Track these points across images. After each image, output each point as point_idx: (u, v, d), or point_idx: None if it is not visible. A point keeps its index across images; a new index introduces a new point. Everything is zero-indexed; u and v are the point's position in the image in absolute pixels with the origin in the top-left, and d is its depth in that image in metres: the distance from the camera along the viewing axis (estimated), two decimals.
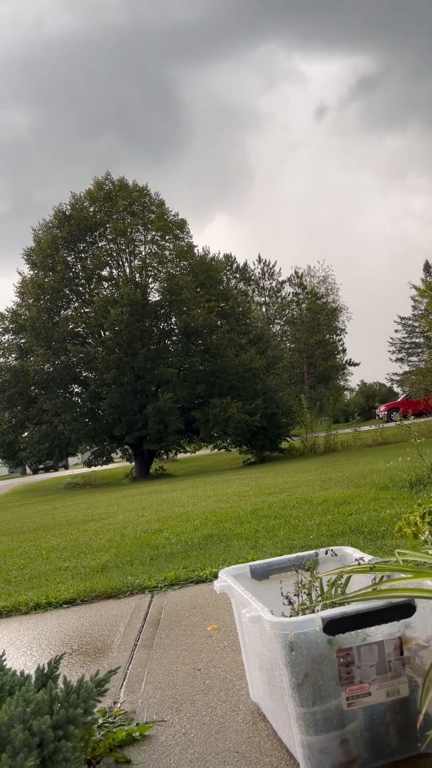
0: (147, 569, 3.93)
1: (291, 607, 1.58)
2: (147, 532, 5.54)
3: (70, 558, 4.85)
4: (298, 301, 48.36)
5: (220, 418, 19.23)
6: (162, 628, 2.70)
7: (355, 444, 18.00)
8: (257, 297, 48.70)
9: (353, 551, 1.82)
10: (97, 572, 4.10)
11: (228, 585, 1.74)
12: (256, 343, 22.63)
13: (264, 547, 4.07)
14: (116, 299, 20.07)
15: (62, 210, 22.07)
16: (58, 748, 1.26)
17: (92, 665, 2.36)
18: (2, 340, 22.20)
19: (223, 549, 4.24)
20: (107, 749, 1.66)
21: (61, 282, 21.33)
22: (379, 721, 1.40)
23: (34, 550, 5.57)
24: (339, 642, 1.37)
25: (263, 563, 1.89)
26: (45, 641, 2.78)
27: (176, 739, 1.68)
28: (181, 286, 20.30)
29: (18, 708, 1.28)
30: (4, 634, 2.99)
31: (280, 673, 1.43)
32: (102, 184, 22.40)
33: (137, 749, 1.66)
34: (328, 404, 22.27)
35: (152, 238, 22.29)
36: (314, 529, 4.42)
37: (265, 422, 19.55)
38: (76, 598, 3.46)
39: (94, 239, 22.27)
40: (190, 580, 3.48)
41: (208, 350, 20.89)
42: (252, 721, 1.72)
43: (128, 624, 2.85)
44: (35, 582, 4.11)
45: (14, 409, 21.07)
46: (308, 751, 1.38)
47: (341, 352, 48.60)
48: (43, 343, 20.36)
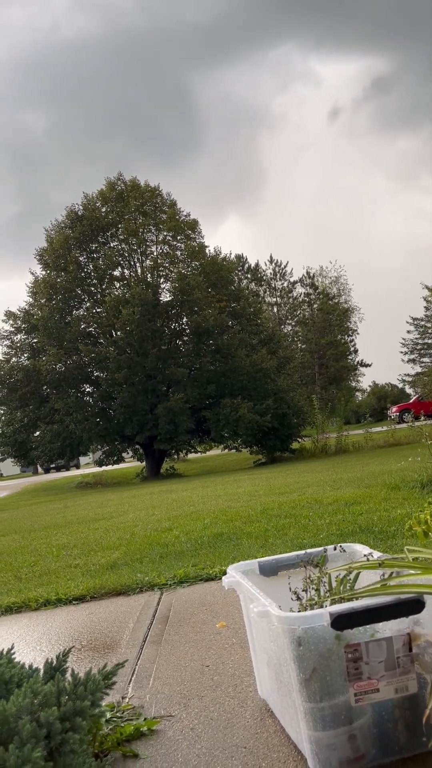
0: (156, 567, 3.93)
1: (299, 602, 1.57)
2: (157, 531, 5.55)
3: (81, 555, 4.87)
4: (309, 302, 48.25)
5: (230, 418, 19.22)
6: (171, 625, 2.70)
7: (367, 445, 17.92)
8: (269, 297, 48.65)
9: (362, 548, 1.82)
10: (107, 569, 4.11)
11: (236, 580, 1.73)
12: (267, 343, 22.59)
13: (274, 545, 4.06)
14: (128, 299, 20.12)
15: (74, 210, 22.17)
16: (65, 740, 1.26)
17: (101, 660, 2.36)
18: (14, 340, 22.33)
19: (233, 547, 4.23)
20: (115, 743, 1.67)
21: (73, 282, 21.43)
22: (387, 717, 1.39)
23: (44, 548, 5.59)
24: (347, 637, 1.36)
25: (272, 559, 1.89)
26: (54, 637, 2.79)
27: (184, 734, 1.68)
28: (192, 287, 20.32)
29: (26, 699, 1.29)
30: (14, 630, 3.01)
31: (287, 668, 1.43)
32: (114, 184, 22.47)
33: (145, 744, 1.67)
34: (340, 405, 22.22)
35: (164, 239, 22.34)
36: (324, 529, 4.40)
37: (276, 423, 19.51)
38: (86, 595, 3.48)
39: (106, 239, 22.34)
40: (200, 577, 3.48)
41: (219, 350, 20.88)
42: (260, 717, 1.71)
43: (137, 621, 2.86)
44: (45, 579, 4.13)
45: (26, 409, 21.18)
46: (316, 747, 1.37)
47: (353, 353, 48.44)
48: (55, 343, 20.45)
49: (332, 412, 21.59)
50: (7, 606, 3.44)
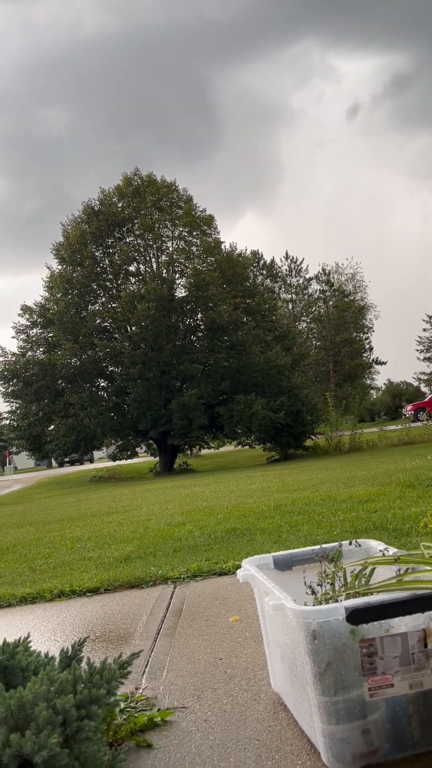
0: (170, 560, 3.95)
1: (314, 596, 1.57)
2: (170, 525, 5.57)
3: (94, 548, 4.90)
4: (325, 299, 48.05)
5: (244, 414, 19.22)
6: (184, 618, 2.71)
7: (381, 443, 17.84)
8: (284, 294, 48.51)
9: (377, 544, 1.81)
10: (120, 562, 4.13)
11: (251, 574, 1.74)
12: (281, 340, 22.54)
13: (287, 541, 4.06)
14: (143, 295, 20.17)
15: (91, 205, 22.25)
16: (80, 727, 1.28)
17: (114, 652, 2.38)
18: (30, 334, 22.49)
19: (246, 542, 4.24)
20: (129, 733, 1.68)
21: (89, 277, 21.52)
22: (402, 713, 1.39)
23: (59, 540, 5.64)
24: (362, 632, 1.36)
25: (286, 554, 1.89)
26: (69, 627, 2.81)
27: (197, 726, 1.69)
28: (207, 282, 20.32)
29: (42, 686, 1.30)
30: (29, 620, 3.04)
31: (302, 662, 1.43)
32: (131, 179, 22.52)
33: (158, 734, 1.68)
34: (354, 403, 22.13)
35: (179, 234, 22.36)
36: (338, 525, 4.39)
37: (290, 420, 19.48)
38: (100, 587, 3.50)
39: (122, 234, 22.41)
40: (213, 572, 3.49)
41: (234, 346, 20.88)
42: (273, 710, 1.72)
43: (151, 613, 2.87)
44: (60, 570, 4.16)
45: (41, 402, 21.34)
46: (329, 741, 1.37)
47: (368, 351, 48.18)
48: (71, 337, 20.56)
49: (346, 409, 21.54)
50: (22, 596, 3.47)
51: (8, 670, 1.46)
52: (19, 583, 3.87)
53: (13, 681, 1.45)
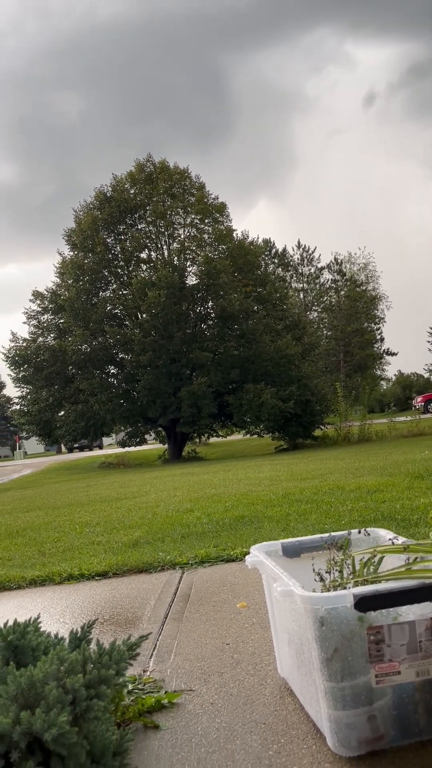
0: (178, 546, 3.98)
1: (322, 583, 1.58)
2: (178, 512, 5.60)
3: (103, 533, 4.94)
4: (336, 288, 47.78)
5: (253, 403, 19.22)
6: (192, 603, 2.73)
7: (390, 434, 17.80)
8: (295, 283, 48.29)
9: (386, 533, 1.81)
10: (129, 547, 4.16)
11: (259, 560, 1.75)
12: (292, 329, 22.47)
13: (295, 530, 4.08)
14: (154, 282, 20.15)
15: (103, 191, 22.20)
16: (90, 707, 1.29)
17: (123, 634, 2.40)
18: (41, 320, 22.55)
19: (254, 530, 4.26)
20: (136, 714, 1.70)
21: (100, 263, 21.51)
22: (408, 700, 1.39)
23: (68, 525, 5.69)
24: (370, 619, 1.37)
25: (295, 541, 1.89)
26: (78, 610, 2.84)
27: (204, 708, 1.71)
28: (218, 270, 20.26)
29: (52, 666, 1.32)
30: (38, 602, 3.07)
31: (309, 648, 1.44)
32: (143, 166, 22.42)
33: (165, 716, 1.70)
34: (364, 393, 22.05)
35: (191, 221, 22.27)
36: (346, 515, 4.40)
37: (299, 409, 19.46)
38: (108, 571, 3.53)
39: (133, 221, 22.36)
40: (221, 558, 3.51)
41: (244, 335, 20.84)
42: (279, 695, 1.73)
43: (159, 598, 2.89)
44: (69, 554, 4.20)
45: (51, 388, 21.43)
46: (335, 726, 1.38)
47: (379, 341, 47.92)
48: (81, 324, 20.60)
49: (356, 400, 21.49)
50: (31, 579, 3.51)
51: (19, 649, 1.48)
52: (28, 566, 3.91)
53: (24, 660, 1.46)
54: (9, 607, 3.01)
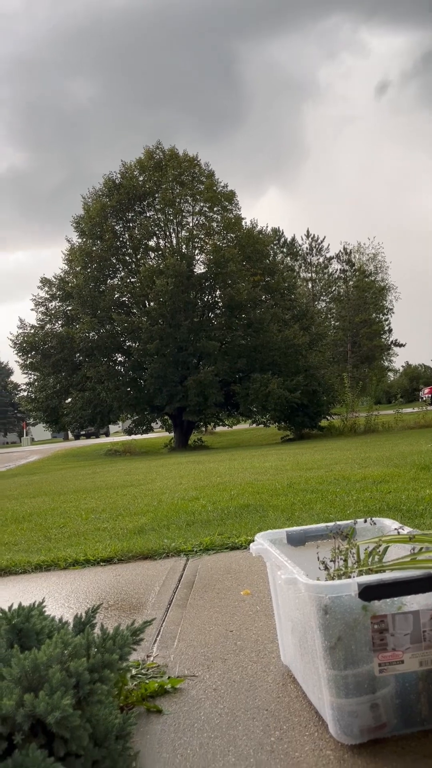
0: (183, 534, 3.99)
1: (327, 572, 1.57)
2: (184, 499, 5.61)
3: (109, 519, 4.96)
4: (345, 278, 47.55)
5: (260, 393, 19.21)
6: (196, 590, 2.74)
7: (396, 425, 17.76)
8: (303, 272, 48.07)
9: (392, 522, 1.81)
10: (134, 534, 4.18)
11: (264, 548, 1.74)
12: (300, 319, 22.40)
13: (300, 519, 4.08)
14: (162, 270, 20.10)
15: (112, 178, 22.11)
16: (93, 690, 1.30)
17: (127, 620, 2.41)
18: (49, 307, 22.56)
19: (259, 519, 4.26)
20: (140, 698, 1.71)
21: (109, 251, 21.47)
22: (411, 689, 1.39)
23: (74, 511, 5.71)
24: (374, 608, 1.36)
25: (300, 529, 1.89)
26: (82, 595, 2.86)
27: (207, 694, 1.71)
28: (227, 259, 20.18)
29: (56, 649, 1.33)
30: (43, 587, 3.09)
31: (312, 636, 1.44)
32: (152, 153, 22.30)
33: (168, 700, 1.71)
34: (371, 384, 22.01)
35: (200, 209, 22.17)
36: (351, 505, 4.39)
37: (306, 399, 19.44)
38: (113, 557, 3.54)
39: (142, 209, 22.28)
40: (225, 546, 3.51)
41: (251, 324, 20.79)
42: (282, 682, 1.74)
43: (163, 584, 2.91)
44: (74, 540, 4.22)
45: (59, 375, 21.48)
46: (338, 713, 1.38)
47: (387, 332, 47.71)
48: (89, 311, 20.60)
49: (363, 391, 21.40)
50: (37, 564, 3.53)
51: (23, 632, 1.49)
52: (34, 551, 3.94)
53: (28, 643, 1.47)
54: (14, 592, 3.03)
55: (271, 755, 1.39)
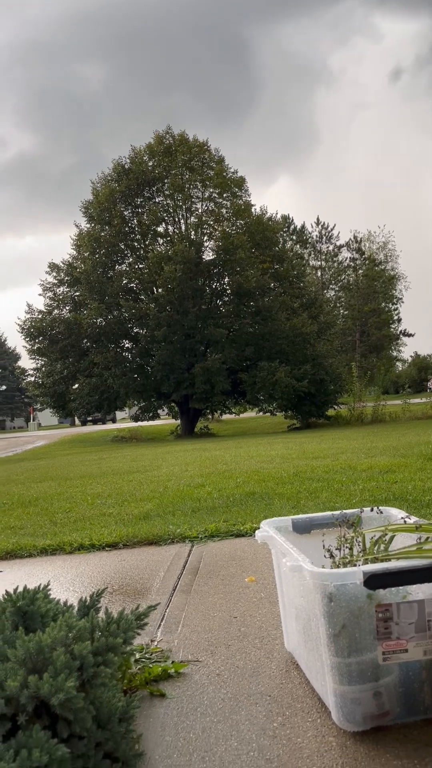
0: (188, 520, 4.00)
1: (332, 560, 1.57)
2: (189, 486, 5.63)
3: (114, 505, 4.98)
4: (355, 267, 47.23)
5: (267, 381, 19.17)
6: (200, 576, 2.75)
7: (404, 416, 17.71)
8: (313, 260, 47.76)
9: (398, 512, 1.80)
10: (139, 519, 4.19)
11: (269, 535, 1.74)
12: (308, 307, 22.28)
13: (305, 507, 4.08)
14: (170, 256, 20.02)
15: (121, 163, 21.98)
16: (97, 673, 1.30)
17: (131, 604, 2.43)
18: (57, 292, 22.53)
19: (264, 506, 4.26)
20: (143, 682, 1.72)
21: (117, 236, 21.39)
22: (415, 678, 1.39)
23: (80, 496, 5.74)
24: (379, 597, 1.36)
25: (306, 517, 1.89)
26: (87, 579, 2.87)
27: (210, 679, 1.72)
28: (236, 246, 20.08)
29: (61, 632, 1.33)
30: (48, 570, 3.11)
31: (317, 623, 1.44)
32: (162, 138, 22.14)
33: (172, 685, 1.71)
34: (379, 374, 21.93)
35: (210, 195, 22.03)
36: (357, 494, 4.39)
37: (313, 388, 19.39)
38: (119, 542, 3.56)
39: (151, 194, 22.16)
40: (230, 533, 3.52)
41: (260, 312, 20.71)
42: (285, 668, 1.74)
43: (168, 570, 2.92)
44: (80, 525, 4.24)
45: (66, 361, 21.50)
46: (341, 700, 1.39)
47: (396, 322, 47.42)
48: (97, 297, 20.57)
49: (371, 380, 21.31)
50: (42, 548, 3.55)
51: (28, 615, 1.50)
52: (40, 535, 3.96)
53: (32, 626, 1.48)
54: (19, 575, 3.05)
55: (274, 740, 1.39)
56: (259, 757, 1.33)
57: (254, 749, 1.36)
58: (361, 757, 1.30)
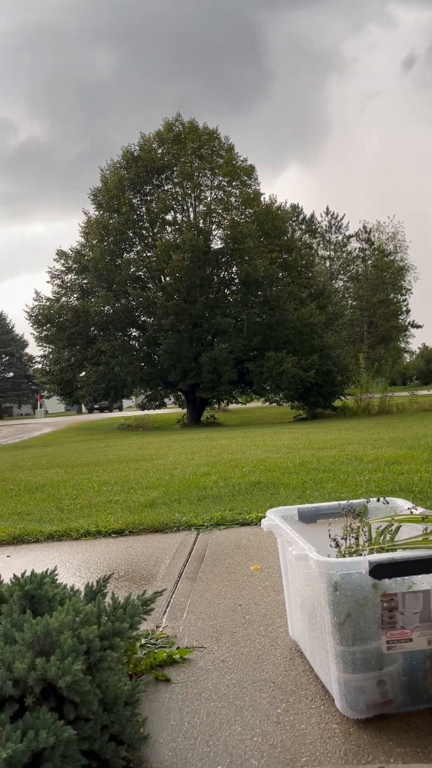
0: (194, 508, 4.01)
1: (338, 549, 1.58)
2: (196, 475, 5.65)
3: (121, 492, 5.00)
4: (364, 257, 46.92)
5: (274, 371, 19.15)
6: (206, 564, 2.76)
7: (411, 407, 17.67)
8: (322, 250, 47.48)
9: (404, 503, 1.80)
10: (145, 507, 4.22)
11: (275, 524, 1.75)
12: (316, 297, 22.20)
13: (311, 497, 4.09)
14: (178, 245, 19.96)
15: (130, 150, 21.89)
16: (103, 657, 1.32)
17: (137, 590, 2.44)
18: (65, 280, 22.53)
19: (270, 496, 4.28)
20: (148, 667, 1.74)
21: (125, 224, 21.34)
22: (418, 667, 1.40)
23: (86, 483, 5.77)
24: (384, 587, 1.37)
25: (312, 507, 1.89)
26: (93, 565, 2.90)
27: (215, 665, 1.73)
28: (244, 235, 19.99)
29: (68, 616, 1.34)
30: (55, 556, 3.13)
31: (321, 612, 1.45)
32: (172, 125, 22.01)
33: (177, 670, 1.73)
34: (386, 365, 21.84)
35: (219, 184, 21.92)
36: (363, 485, 4.39)
37: (320, 379, 19.36)
38: (125, 529, 3.58)
39: (160, 182, 22.07)
40: (236, 521, 3.53)
41: (267, 302, 20.65)
42: (289, 656, 1.75)
43: (173, 557, 2.93)
44: (86, 511, 4.27)
45: (73, 348, 21.53)
46: (344, 688, 1.40)
47: (404, 313, 47.14)
48: (105, 285, 20.56)
49: (378, 372, 21.26)
50: (49, 534, 3.58)
51: (35, 599, 1.51)
52: (46, 521, 3.99)
53: (40, 609, 1.49)
54: (26, 560, 3.08)
55: (277, 726, 1.40)
56: (262, 743, 1.34)
57: (258, 734, 1.37)
58: (364, 744, 1.31)
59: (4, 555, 3.23)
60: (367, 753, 1.28)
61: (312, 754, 1.29)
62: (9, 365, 65.22)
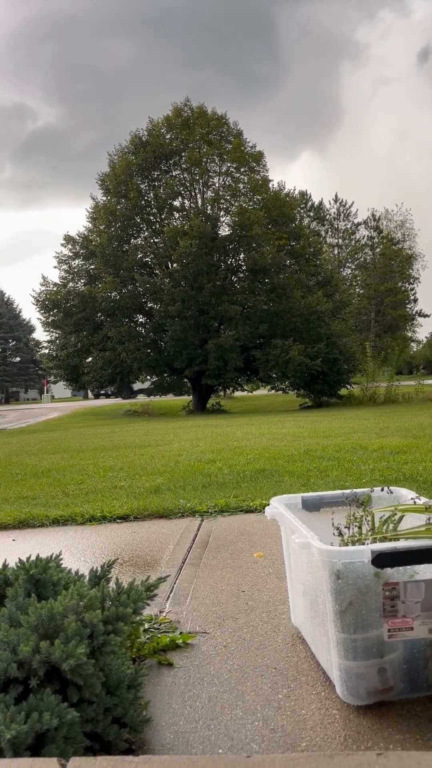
0: (198, 495, 4.03)
1: (341, 538, 1.58)
2: (200, 461, 5.66)
3: (126, 478, 5.03)
4: (372, 245, 46.59)
5: (280, 359, 19.12)
6: (210, 550, 2.78)
7: (417, 397, 17.63)
8: (330, 238, 47.18)
9: (408, 492, 1.80)
10: (150, 493, 4.24)
11: (279, 512, 1.76)
12: (324, 285, 22.10)
13: (315, 485, 4.10)
14: (186, 231, 19.87)
15: (139, 136, 21.74)
16: (107, 641, 1.33)
17: (141, 576, 2.46)
18: (72, 265, 22.50)
19: (274, 483, 4.29)
20: (151, 651, 1.76)
21: (133, 210, 21.25)
22: (419, 655, 1.41)
23: (92, 468, 5.80)
24: (386, 576, 1.37)
25: (315, 495, 1.90)
26: (98, 550, 2.92)
27: (217, 650, 1.75)
28: (252, 222, 19.87)
29: (72, 600, 1.36)
30: (60, 540, 3.16)
31: (323, 599, 1.46)
32: (180, 110, 21.84)
33: (179, 655, 1.75)
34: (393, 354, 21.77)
35: (227, 170, 21.77)
36: (367, 474, 4.40)
37: (326, 367, 19.32)
38: (130, 515, 3.61)
39: (168, 167, 21.94)
40: (240, 508, 3.55)
41: (275, 289, 20.57)
42: (291, 642, 1.77)
43: (177, 543, 2.95)
44: (91, 497, 4.29)
45: (80, 334, 21.55)
46: (345, 675, 1.41)
47: (412, 302, 46.88)
48: (112, 271, 20.52)
49: (385, 361, 21.20)
50: (54, 518, 3.61)
51: (40, 583, 1.53)
52: (52, 506, 4.01)
53: (45, 593, 1.51)
54: (32, 544, 3.11)
55: (278, 711, 1.42)
56: (263, 727, 1.36)
57: (259, 719, 1.39)
58: (364, 730, 1.32)
59: (9, 538, 3.26)
60: (366, 739, 1.29)
61: (312, 739, 1.30)
62: (16, 350, 65.40)
